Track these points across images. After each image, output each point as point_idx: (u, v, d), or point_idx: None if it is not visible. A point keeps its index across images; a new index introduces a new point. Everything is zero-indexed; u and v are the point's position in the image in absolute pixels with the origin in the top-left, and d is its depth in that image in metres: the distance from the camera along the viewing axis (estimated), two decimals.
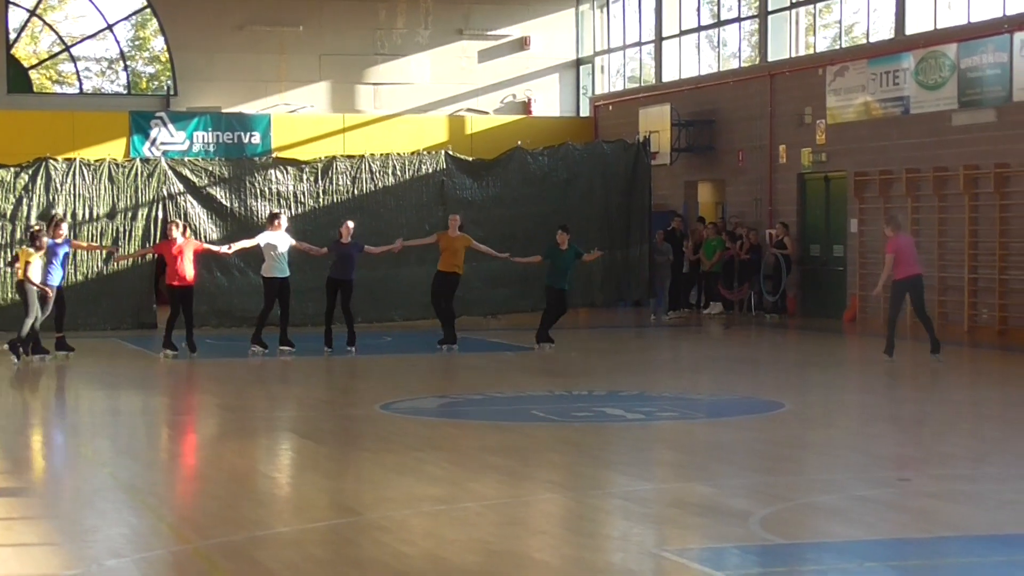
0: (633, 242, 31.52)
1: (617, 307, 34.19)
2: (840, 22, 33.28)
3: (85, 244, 26.38)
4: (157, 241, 27.75)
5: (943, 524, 10.94)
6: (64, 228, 23.85)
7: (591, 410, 17.44)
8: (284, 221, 24.62)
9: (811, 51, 33.25)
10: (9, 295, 26.49)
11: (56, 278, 23.25)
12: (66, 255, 23.68)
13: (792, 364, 23.80)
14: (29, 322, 22.83)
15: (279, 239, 24.20)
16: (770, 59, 33.64)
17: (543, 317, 24.97)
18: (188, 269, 23.70)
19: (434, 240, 25.11)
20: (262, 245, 24.22)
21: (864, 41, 31.81)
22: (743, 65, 35.33)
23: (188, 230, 25.07)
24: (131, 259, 27.01)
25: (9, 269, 25.27)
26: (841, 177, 31.27)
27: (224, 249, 24.86)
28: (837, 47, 32.67)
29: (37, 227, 24.10)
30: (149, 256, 27.46)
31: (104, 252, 27.14)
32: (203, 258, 25.10)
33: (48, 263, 23.22)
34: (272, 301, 24.05)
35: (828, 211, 31.89)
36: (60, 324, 23.70)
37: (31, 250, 22.90)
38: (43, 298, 23.00)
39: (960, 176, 27.94)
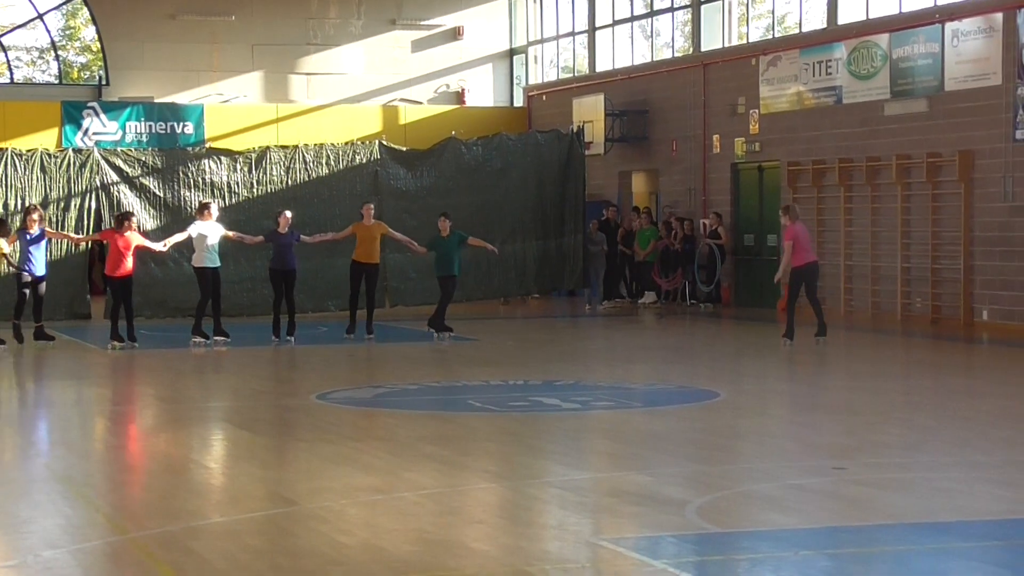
0: (567, 232, 31.61)
1: (551, 297, 34.24)
2: (773, 12, 33.42)
3: (56, 232, 26.13)
4: (90, 231, 27.66)
5: (877, 512, 11.03)
6: (35, 217, 23.82)
7: (527, 399, 17.45)
8: (215, 210, 24.50)
9: (744, 41, 33.40)
10: None
11: (37, 268, 23.49)
12: (39, 242, 23.67)
13: (726, 353, 23.90)
14: None
15: (210, 229, 24.09)
16: (703, 49, 33.77)
17: (438, 306, 25.04)
18: (130, 260, 23.68)
19: (351, 231, 25.10)
20: (193, 236, 24.12)
21: (797, 31, 31.98)
22: (676, 55, 35.45)
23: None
24: (76, 244, 26.91)
25: None
26: (774, 167, 31.44)
27: (159, 247, 24.66)
28: (770, 37, 32.82)
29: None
30: (83, 246, 27.43)
31: (76, 243, 26.89)
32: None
33: (26, 252, 23.57)
34: (208, 291, 23.97)
35: (762, 201, 32.05)
36: (39, 314, 23.76)
37: None
38: (25, 284, 23.37)
39: (892, 166, 28.15)
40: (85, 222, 28.18)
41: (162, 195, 28.75)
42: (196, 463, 13.76)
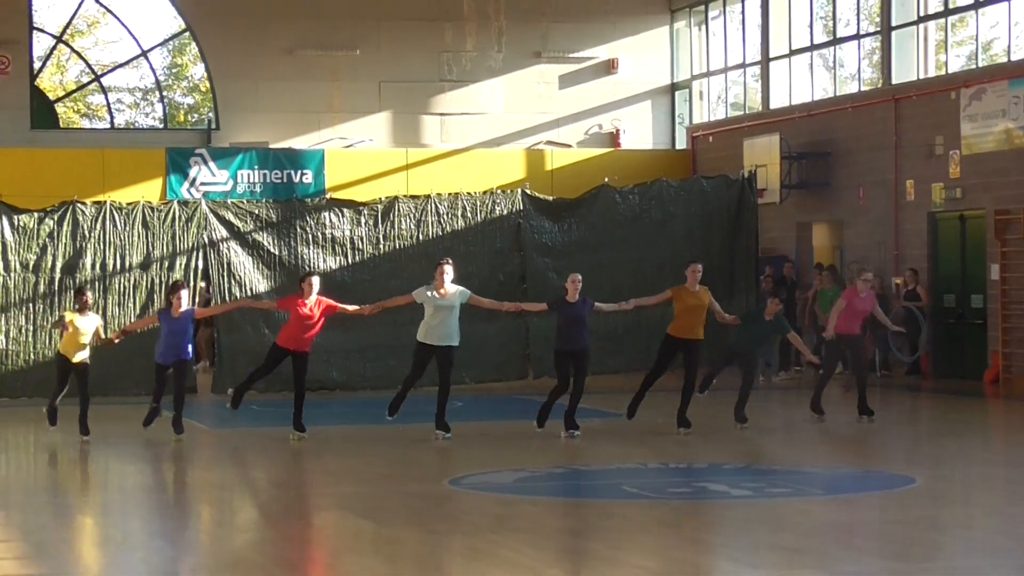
0: (738, 292, 31.33)
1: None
2: (976, 38, 33.09)
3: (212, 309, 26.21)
4: (197, 292, 28.11)
5: None
6: (184, 296, 22.42)
7: (690, 485, 17.36)
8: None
9: (942, 72, 33.05)
10: (37, 356, 26.37)
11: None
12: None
13: (924, 433, 23.61)
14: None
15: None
16: (894, 81, 33.47)
17: (700, 382, 23.40)
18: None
19: (668, 297, 23.39)
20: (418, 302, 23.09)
21: (1004, 59, 31.60)
22: (863, 88, 35.19)
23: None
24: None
25: (56, 331, 24.62)
26: (979, 216, 31.03)
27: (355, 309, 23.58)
28: (973, 66, 32.47)
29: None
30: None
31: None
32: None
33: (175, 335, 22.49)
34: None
35: (964, 255, 31.63)
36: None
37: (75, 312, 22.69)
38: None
39: None
40: (191, 283, 28.50)
41: (277, 252, 29.01)
42: (310, 558, 13.76)
